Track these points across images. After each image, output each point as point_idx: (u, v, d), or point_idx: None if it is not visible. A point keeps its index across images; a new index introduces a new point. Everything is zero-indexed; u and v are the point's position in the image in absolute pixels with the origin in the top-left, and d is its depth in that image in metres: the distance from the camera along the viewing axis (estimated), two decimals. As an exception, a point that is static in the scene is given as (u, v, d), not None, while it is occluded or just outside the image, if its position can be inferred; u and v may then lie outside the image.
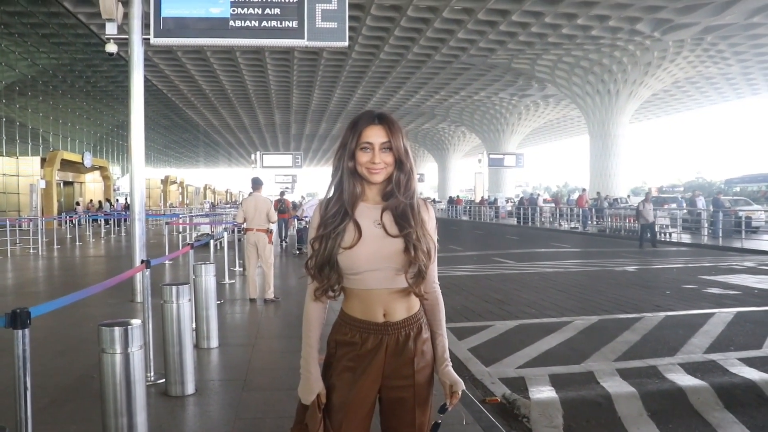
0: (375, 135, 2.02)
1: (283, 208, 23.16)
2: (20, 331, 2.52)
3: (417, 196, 2.10)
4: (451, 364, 2.16)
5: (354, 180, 2.06)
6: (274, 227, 9.40)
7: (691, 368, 5.68)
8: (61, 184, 38.32)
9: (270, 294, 9.04)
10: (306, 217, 18.17)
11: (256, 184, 9.52)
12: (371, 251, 2.00)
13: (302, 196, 22.04)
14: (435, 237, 2.11)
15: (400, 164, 2.06)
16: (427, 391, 2.14)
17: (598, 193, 33.09)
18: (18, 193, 32.58)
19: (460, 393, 2.09)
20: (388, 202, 2.06)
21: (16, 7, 32.10)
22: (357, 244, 2.00)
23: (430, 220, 2.11)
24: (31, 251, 17.88)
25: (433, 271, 2.14)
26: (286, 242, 20.30)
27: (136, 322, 3.18)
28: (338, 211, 2.04)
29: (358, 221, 2.03)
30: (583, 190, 34.89)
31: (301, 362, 2.10)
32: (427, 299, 2.14)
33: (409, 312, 2.09)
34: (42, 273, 13.74)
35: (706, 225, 22.32)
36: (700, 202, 24.70)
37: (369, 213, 2.06)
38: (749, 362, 5.85)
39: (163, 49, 33.77)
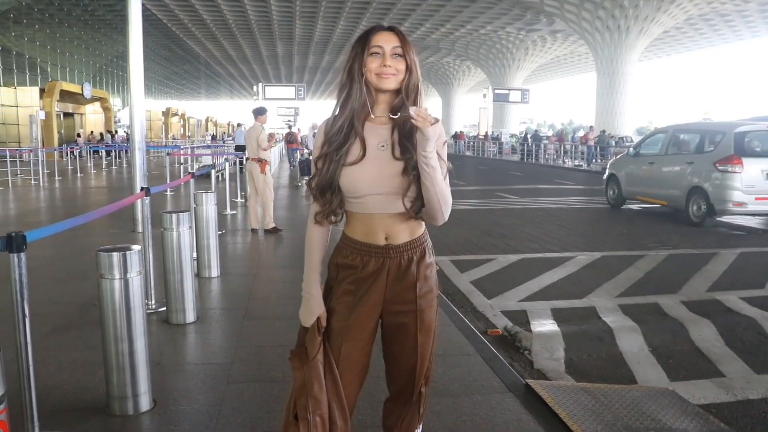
0: (386, 39, 1.92)
1: (291, 139, 23.38)
2: (16, 255, 2.47)
3: None
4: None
5: (364, 91, 1.94)
6: (267, 156, 9.28)
7: (693, 306, 5.66)
8: (61, 116, 37.88)
9: (268, 224, 8.99)
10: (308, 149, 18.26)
11: (254, 113, 9.44)
12: (373, 174, 1.91)
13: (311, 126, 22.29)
14: (445, 155, 1.97)
15: (410, 73, 1.94)
16: (429, 317, 2.07)
17: (603, 131, 32.62)
18: (18, 125, 32.27)
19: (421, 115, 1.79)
20: (398, 116, 1.92)
21: (9, -71, 31.07)
22: (359, 165, 1.91)
23: (438, 138, 1.89)
24: (33, 182, 17.80)
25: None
26: (293, 167, 20.91)
27: (135, 247, 3.13)
28: (342, 126, 1.94)
29: (365, 139, 1.93)
30: (590, 127, 34.50)
31: (303, 285, 2.04)
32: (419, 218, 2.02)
33: (413, 235, 2.02)
34: (43, 203, 13.72)
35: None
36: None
37: (374, 134, 1.95)
38: (751, 301, 5.83)
39: (162, -25, 32.81)
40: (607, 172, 13.93)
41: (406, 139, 1.93)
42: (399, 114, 1.91)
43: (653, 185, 12.13)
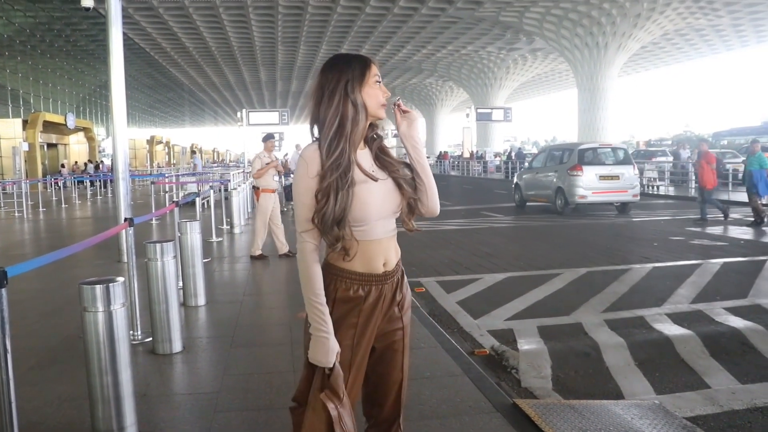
0: (378, 72, 1.99)
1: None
2: (-4, 291, 2.46)
3: None
4: None
5: (360, 114, 1.91)
6: (265, 183, 9.12)
7: (678, 318, 5.72)
8: (45, 147, 37.68)
9: (255, 251, 8.95)
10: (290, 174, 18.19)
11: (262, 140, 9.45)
12: (380, 199, 1.94)
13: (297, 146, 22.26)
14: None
15: None
16: (409, 331, 2.16)
17: None
18: (1, 156, 32.08)
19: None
20: (375, 141, 2.02)
21: (-11, -37, 31.17)
22: (368, 193, 1.92)
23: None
24: (16, 214, 17.67)
25: None
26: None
27: (118, 279, 3.13)
28: (345, 149, 1.88)
29: (362, 168, 1.95)
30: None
31: (312, 323, 1.91)
32: (419, 229, 2.11)
33: (397, 256, 2.08)
34: (27, 236, 13.61)
35: (693, 178, 22.36)
36: (685, 154, 24.95)
37: (363, 160, 1.98)
38: (735, 311, 5.90)
39: (143, 5, 32.97)
40: (514, 181, 18.61)
41: (384, 157, 2.00)
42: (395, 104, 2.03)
43: (538, 188, 16.79)
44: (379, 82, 1.96)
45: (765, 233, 11.50)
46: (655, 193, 22.04)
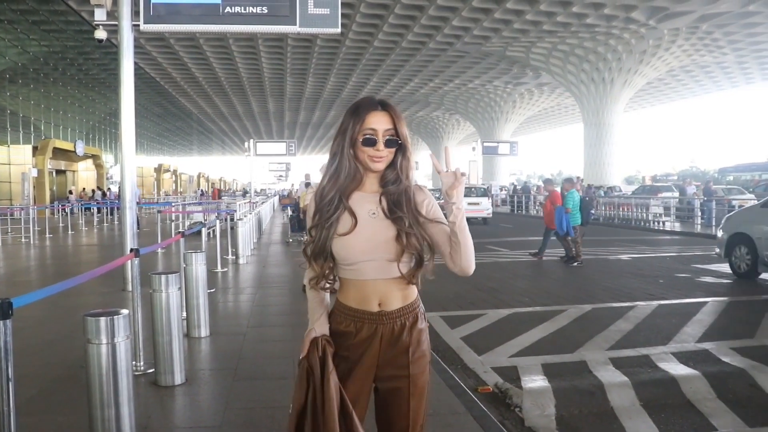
0: (379, 121, 1.99)
1: (284, 195, 24.03)
2: (2, 322, 2.46)
3: (412, 182, 2.08)
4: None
5: (353, 167, 2.02)
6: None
7: (683, 357, 5.67)
8: (54, 173, 38.10)
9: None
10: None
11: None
12: (366, 241, 1.97)
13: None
14: (440, 215, 2.07)
15: (404, 150, 2.04)
16: (422, 381, 2.11)
17: (590, 184, 33.05)
18: (10, 182, 32.38)
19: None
20: (389, 187, 2.03)
21: (5, -7, 31.79)
22: (351, 234, 1.97)
23: (427, 203, 2.06)
24: (23, 240, 17.76)
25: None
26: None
27: (122, 311, 3.13)
28: (332, 199, 2.01)
29: (353, 210, 2.00)
30: (577, 178, 34.85)
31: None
32: (417, 284, 2.10)
33: (405, 301, 2.07)
34: (33, 262, 13.64)
35: (699, 214, 22.36)
36: (690, 190, 24.99)
37: (364, 202, 2.03)
38: (742, 351, 5.84)
39: (155, 36, 33.52)
40: None
41: (394, 206, 2.00)
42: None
43: None
44: (371, 136, 1.97)
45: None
46: (661, 228, 21.99)
